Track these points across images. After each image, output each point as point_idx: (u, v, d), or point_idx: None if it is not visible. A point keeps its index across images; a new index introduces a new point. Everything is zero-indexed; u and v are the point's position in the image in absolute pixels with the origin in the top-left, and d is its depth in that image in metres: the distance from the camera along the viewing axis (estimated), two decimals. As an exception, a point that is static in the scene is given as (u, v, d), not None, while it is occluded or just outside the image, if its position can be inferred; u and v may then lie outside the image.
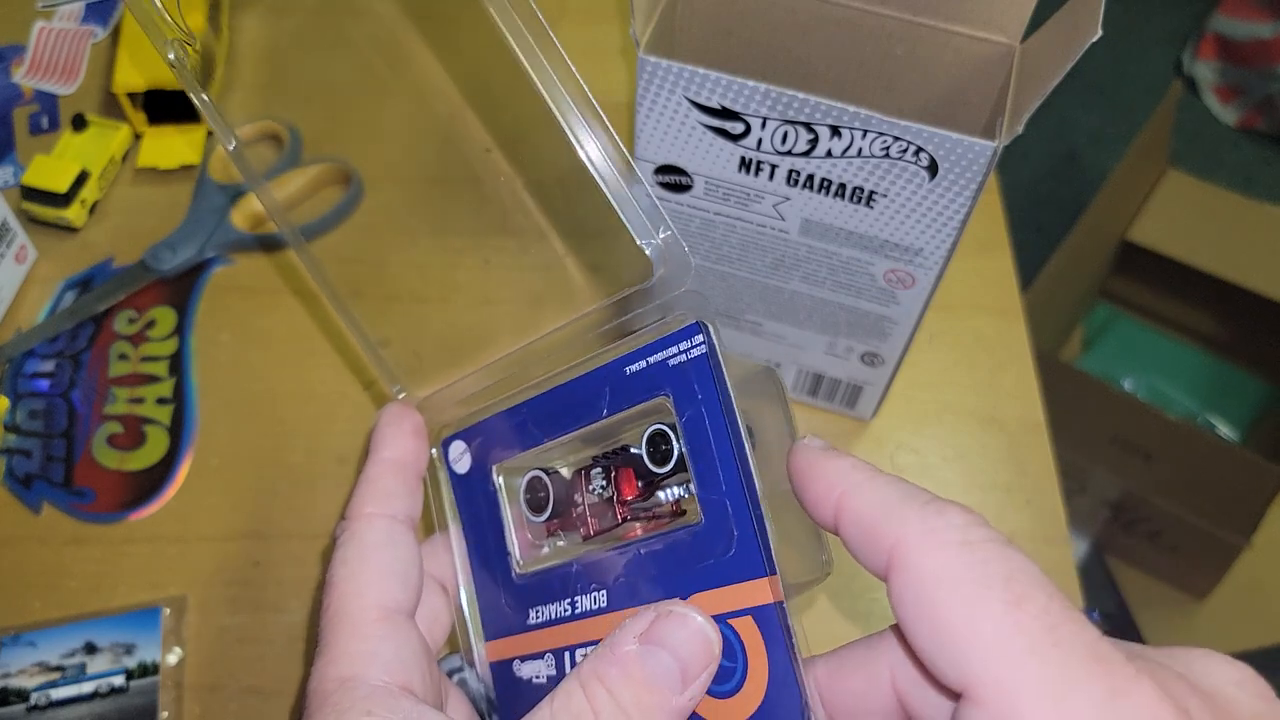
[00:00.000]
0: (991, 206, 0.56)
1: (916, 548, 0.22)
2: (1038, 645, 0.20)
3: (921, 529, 0.22)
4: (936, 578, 0.21)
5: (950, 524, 0.22)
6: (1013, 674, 0.19)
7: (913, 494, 0.23)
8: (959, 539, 0.21)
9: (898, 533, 0.22)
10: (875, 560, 0.22)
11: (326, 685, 0.27)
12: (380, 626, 0.28)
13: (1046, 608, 0.20)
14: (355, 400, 0.50)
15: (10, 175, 0.56)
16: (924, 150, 0.34)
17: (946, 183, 0.35)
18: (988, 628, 0.20)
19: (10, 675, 0.42)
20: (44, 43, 0.61)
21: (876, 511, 0.23)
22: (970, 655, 0.20)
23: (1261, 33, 1.44)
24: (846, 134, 0.35)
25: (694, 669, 0.24)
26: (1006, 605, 0.20)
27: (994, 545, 0.21)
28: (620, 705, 0.23)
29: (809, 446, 0.25)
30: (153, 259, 0.52)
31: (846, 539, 0.24)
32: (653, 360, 0.28)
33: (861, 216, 0.38)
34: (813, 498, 0.24)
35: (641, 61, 0.36)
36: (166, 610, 0.44)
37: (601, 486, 0.31)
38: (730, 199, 0.39)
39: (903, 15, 0.39)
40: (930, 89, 0.41)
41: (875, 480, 0.24)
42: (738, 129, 0.36)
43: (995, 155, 0.34)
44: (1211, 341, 1.21)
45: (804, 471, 0.25)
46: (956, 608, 0.21)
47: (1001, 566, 0.21)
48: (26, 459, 0.48)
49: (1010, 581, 0.20)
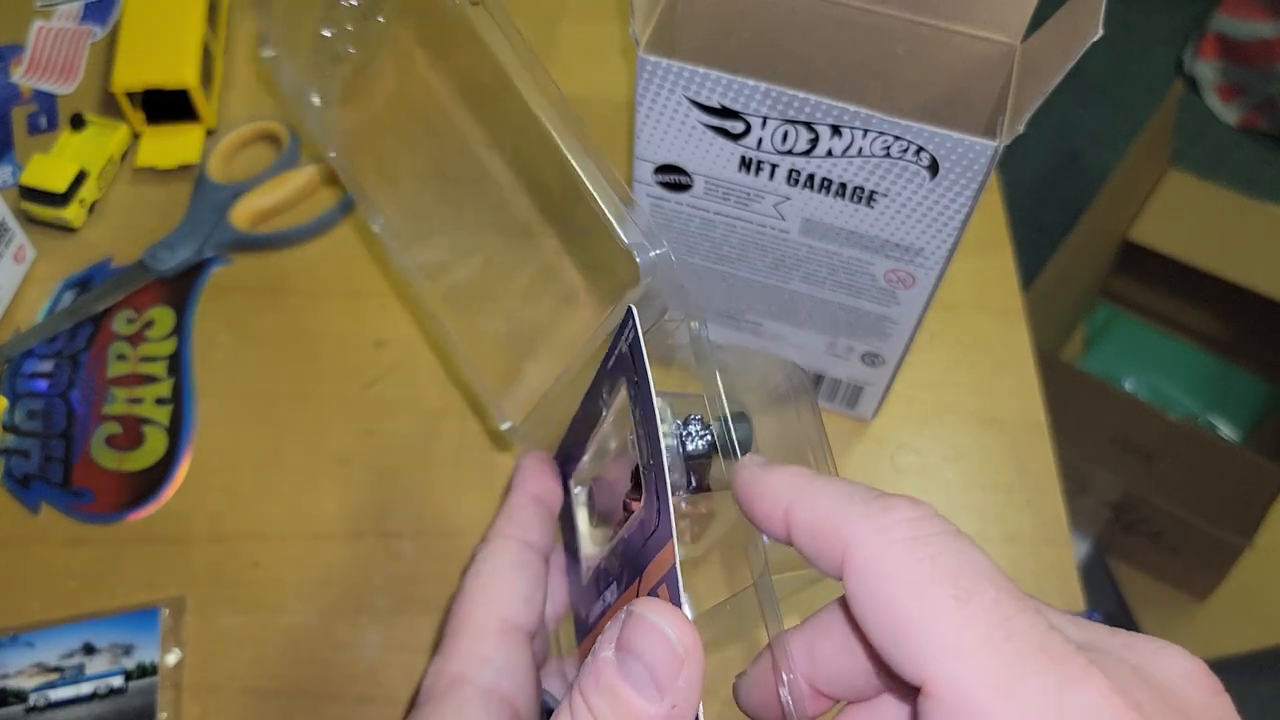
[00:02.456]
0: (992, 206, 0.56)
1: (865, 547, 0.22)
2: (988, 638, 0.20)
3: (869, 528, 0.22)
4: (887, 576, 0.21)
5: (897, 520, 0.22)
6: (964, 668, 0.20)
7: (857, 493, 0.23)
8: (906, 535, 0.21)
9: (847, 535, 0.22)
10: (830, 564, 0.22)
11: (439, 682, 0.29)
12: (498, 638, 0.30)
13: (996, 600, 0.20)
14: (355, 401, 0.50)
15: (9, 175, 0.56)
16: (925, 150, 0.34)
17: (947, 182, 0.35)
18: (938, 623, 0.20)
19: (8, 676, 0.42)
20: (42, 42, 0.61)
21: (823, 516, 0.23)
22: (923, 651, 0.20)
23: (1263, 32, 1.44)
24: (847, 133, 0.35)
25: (663, 675, 0.23)
26: (956, 600, 0.20)
27: (942, 539, 0.21)
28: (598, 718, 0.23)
29: (747, 466, 0.25)
30: (151, 259, 0.52)
31: (800, 548, 0.23)
32: (615, 352, 0.29)
33: (862, 216, 0.38)
34: (761, 515, 0.24)
35: (641, 61, 0.36)
36: (165, 611, 0.44)
37: None
38: (730, 199, 0.39)
39: (903, 14, 0.39)
40: (931, 88, 0.41)
41: (818, 485, 0.23)
42: (738, 128, 0.36)
43: (996, 155, 0.34)
44: (1213, 342, 1.21)
45: (746, 491, 0.25)
46: (907, 605, 0.21)
47: (950, 561, 0.21)
48: (25, 459, 0.48)
49: (959, 576, 0.21)
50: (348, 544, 0.46)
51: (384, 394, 0.50)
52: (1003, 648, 0.20)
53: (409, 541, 0.46)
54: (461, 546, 0.46)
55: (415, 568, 0.46)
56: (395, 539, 0.46)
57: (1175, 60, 1.59)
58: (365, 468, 0.48)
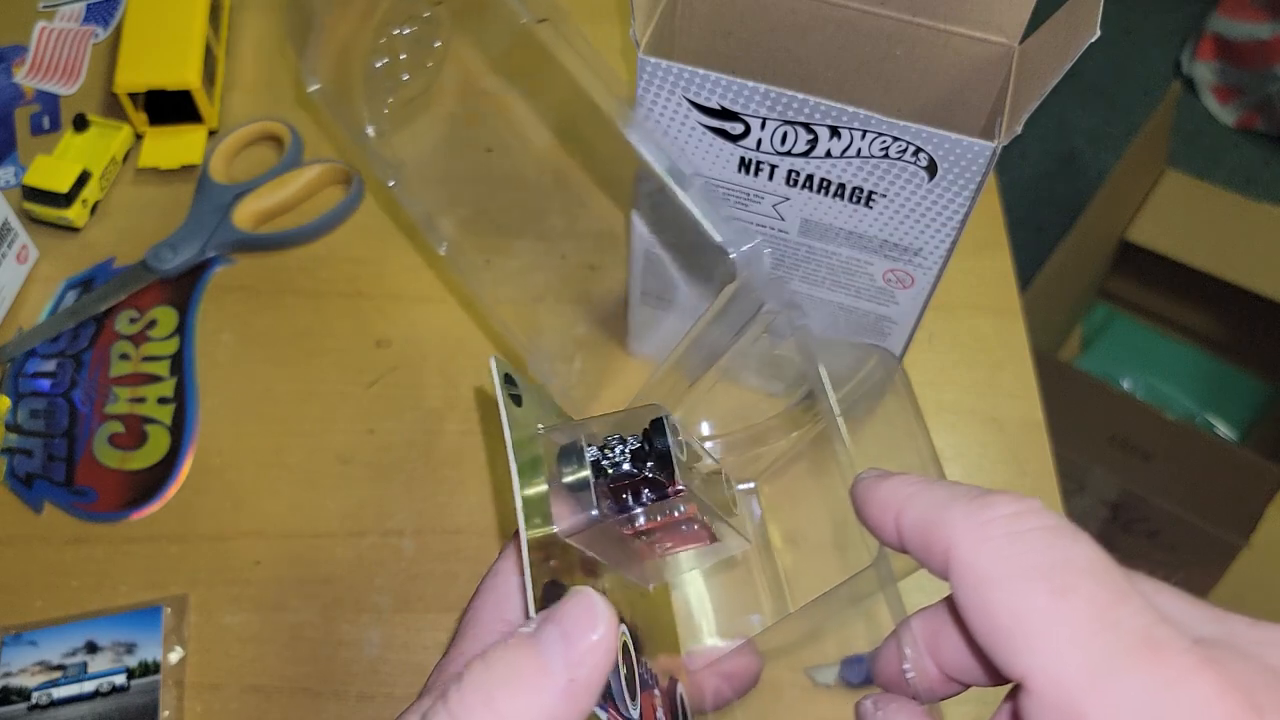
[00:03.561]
0: (990, 206, 0.56)
1: (965, 546, 0.22)
2: (1084, 633, 0.19)
3: (968, 526, 0.22)
4: (986, 574, 0.21)
5: (994, 518, 0.21)
6: (1059, 664, 0.19)
7: (960, 493, 0.23)
8: (1003, 532, 0.21)
9: (948, 535, 0.22)
10: (938, 566, 0.22)
11: (439, 679, 0.28)
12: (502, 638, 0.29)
13: (1094, 594, 0.20)
14: (356, 400, 0.50)
15: (12, 175, 0.56)
16: (923, 150, 0.35)
17: (945, 183, 0.35)
18: (1033, 620, 0.20)
19: (12, 674, 0.42)
20: (45, 43, 0.61)
21: (928, 518, 0.23)
22: (1020, 648, 0.20)
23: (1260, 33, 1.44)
24: (846, 134, 0.35)
25: (575, 634, 0.23)
26: (1051, 595, 0.20)
27: (1039, 534, 0.21)
28: (497, 675, 0.23)
29: (862, 479, 0.26)
30: (154, 259, 0.52)
31: (911, 553, 0.24)
32: None
33: (860, 217, 0.38)
34: (875, 524, 0.25)
35: (641, 62, 0.36)
36: (168, 609, 0.44)
37: None
38: (730, 199, 0.40)
39: (902, 16, 0.39)
40: (929, 89, 0.41)
41: (925, 489, 0.24)
42: (737, 129, 0.37)
43: (994, 155, 0.34)
44: (1210, 341, 1.21)
45: (860, 502, 0.25)
46: (1003, 602, 0.20)
47: (1046, 556, 0.21)
48: (28, 458, 0.48)
49: (1055, 571, 0.20)
50: (349, 542, 0.46)
51: (385, 393, 0.50)
52: (1099, 642, 0.19)
53: (410, 540, 0.46)
54: (462, 545, 0.46)
55: (416, 566, 0.46)
56: (396, 537, 0.46)
57: (1173, 61, 1.60)
58: (366, 466, 0.48)
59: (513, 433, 0.28)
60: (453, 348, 0.52)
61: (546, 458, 0.29)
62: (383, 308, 0.52)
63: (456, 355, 0.51)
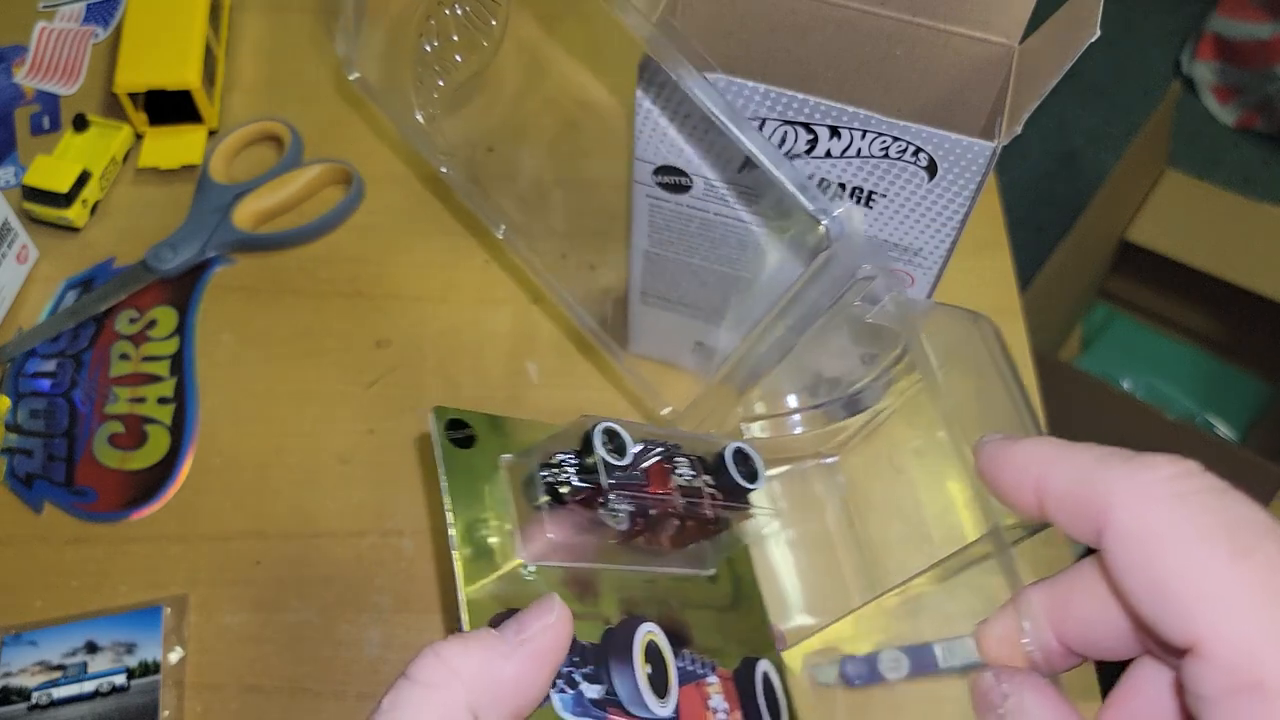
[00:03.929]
0: (990, 206, 0.57)
1: (1126, 508, 0.21)
2: (1264, 597, 0.19)
3: (1129, 487, 0.21)
4: (1152, 536, 0.20)
5: (1159, 478, 0.21)
6: (1245, 629, 0.19)
7: (1111, 454, 0.22)
8: (1171, 492, 0.20)
9: (1104, 497, 0.21)
10: (1087, 531, 0.21)
11: None
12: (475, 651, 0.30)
13: (1273, 557, 0.19)
14: (356, 400, 0.50)
15: (12, 175, 0.56)
16: (923, 150, 0.35)
17: (945, 183, 0.35)
18: (1211, 582, 0.19)
19: (11, 674, 0.42)
20: (45, 43, 0.61)
21: (1077, 481, 0.22)
22: (1193, 612, 0.19)
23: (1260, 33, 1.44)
24: (845, 134, 0.35)
25: (528, 619, 0.25)
26: (1232, 557, 0.19)
27: (1211, 495, 0.20)
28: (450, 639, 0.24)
29: (988, 442, 0.25)
30: (154, 259, 0.52)
31: (1055, 519, 0.23)
32: None
33: None
34: (1008, 489, 0.24)
35: (641, 63, 0.36)
36: (168, 609, 0.44)
37: None
38: (730, 200, 0.40)
39: (901, 16, 0.39)
40: (929, 90, 0.41)
41: (1070, 452, 0.22)
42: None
43: (994, 155, 0.34)
44: (1210, 341, 1.21)
45: (991, 467, 0.24)
46: (1175, 565, 0.20)
47: (1222, 517, 0.20)
48: (28, 458, 0.48)
49: (1233, 531, 0.20)
50: (349, 542, 0.46)
51: (385, 393, 0.50)
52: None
53: (409, 540, 0.46)
54: (462, 545, 0.46)
55: (416, 566, 0.46)
56: (396, 537, 0.46)
57: (1173, 61, 1.60)
58: (366, 466, 0.48)
59: (453, 499, 0.30)
60: (453, 348, 0.52)
61: (513, 487, 0.31)
62: (383, 308, 0.52)
63: (456, 355, 0.51)
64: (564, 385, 0.51)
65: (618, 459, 0.29)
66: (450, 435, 0.31)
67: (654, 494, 0.30)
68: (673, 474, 0.31)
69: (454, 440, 0.31)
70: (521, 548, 0.30)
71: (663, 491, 0.31)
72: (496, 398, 0.50)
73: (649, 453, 0.31)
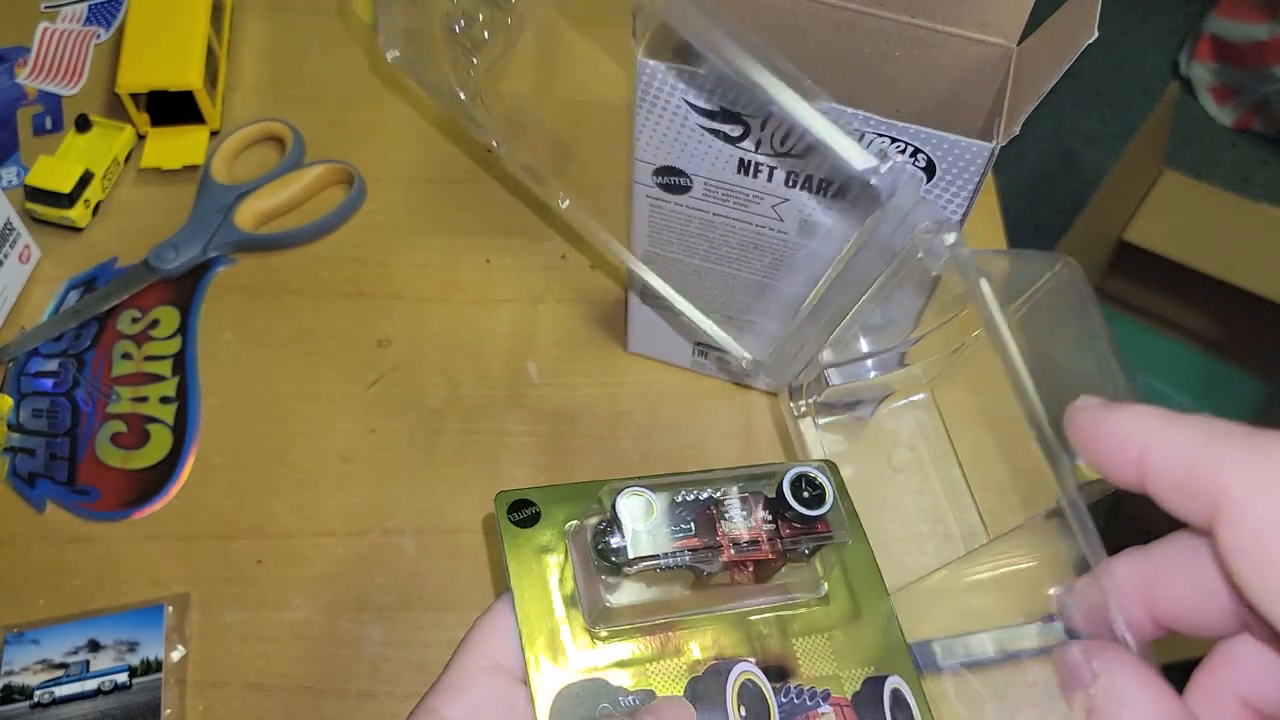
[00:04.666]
0: (989, 206, 0.57)
1: (1242, 494, 0.19)
2: None
3: (1244, 471, 0.20)
4: (1269, 525, 0.19)
5: (1277, 461, 0.19)
6: None
7: (1224, 432, 0.20)
8: None
9: (1217, 480, 0.20)
10: (1198, 513, 0.20)
11: (417, 712, 0.29)
12: (481, 675, 0.30)
13: None
14: (358, 399, 0.50)
15: (14, 176, 0.57)
16: (921, 151, 0.35)
17: (944, 184, 0.36)
18: None
19: (14, 673, 0.42)
20: (47, 44, 0.61)
21: (1187, 460, 0.20)
22: None
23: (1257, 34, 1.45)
24: None
25: None
26: None
27: None
28: None
29: (1083, 408, 0.23)
30: (156, 259, 0.53)
31: (1158, 496, 0.21)
32: None
33: None
34: (1107, 461, 0.22)
35: (640, 64, 0.36)
36: (169, 608, 0.44)
37: None
38: (729, 200, 0.40)
39: (901, 17, 0.39)
40: (928, 91, 0.41)
41: (1178, 425, 0.21)
42: (736, 131, 0.37)
43: (993, 156, 0.34)
44: (1208, 341, 1.21)
45: (1087, 435, 0.23)
46: None
47: None
48: (30, 458, 0.48)
49: None
50: (350, 541, 0.46)
51: (386, 393, 0.50)
52: None
53: (411, 539, 0.47)
54: (463, 544, 0.47)
55: (417, 565, 0.46)
56: (397, 536, 0.47)
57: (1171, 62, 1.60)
58: (368, 466, 0.48)
59: (514, 568, 0.30)
60: (454, 347, 0.52)
61: (579, 553, 0.30)
62: (384, 308, 0.53)
63: (457, 355, 0.52)
64: (564, 384, 0.51)
65: (632, 525, 0.28)
66: (512, 518, 0.31)
67: (698, 547, 0.29)
68: (721, 521, 0.30)
69: (517, 522, 0.31)
70: (589, 614, 0.30)
71: (707, 543, 0.29)
72: (497, 397, 0.50)
73: (687, 505, 0.30)
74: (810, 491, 0.30)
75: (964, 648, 0.43)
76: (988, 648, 0.44)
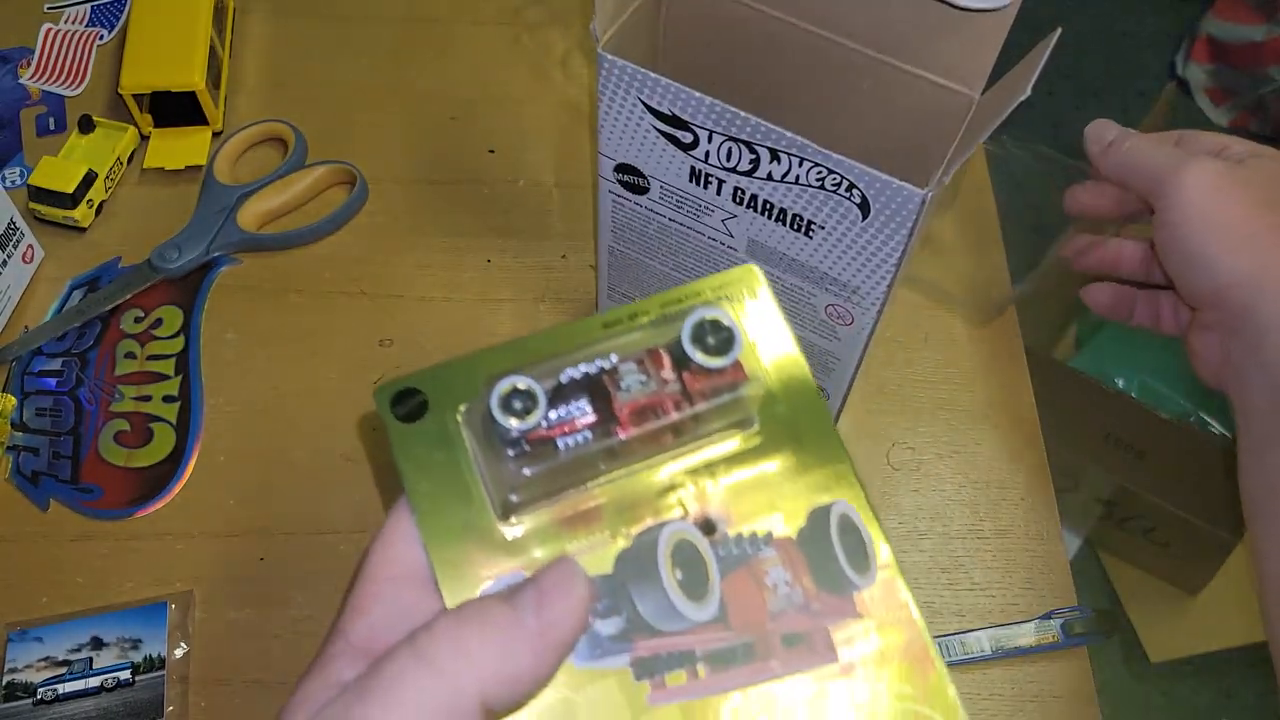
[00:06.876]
0: (985, 205, 0.57)
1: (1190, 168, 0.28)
2: None
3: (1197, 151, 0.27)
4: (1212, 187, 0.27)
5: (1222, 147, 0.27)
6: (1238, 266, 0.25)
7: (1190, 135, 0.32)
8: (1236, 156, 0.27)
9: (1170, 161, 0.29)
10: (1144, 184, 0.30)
11: (328, 636, 0.26)
12: (388, 587, 0.26)
13: None
14: (360, 398, 0.50)
15: (18, 176, 0.57)
16: (856, 187, 0.34)
17: (879, 224, 0.35)
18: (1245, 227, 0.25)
19: (17, 670, 0.42)
20: (51, 45, 0.61)
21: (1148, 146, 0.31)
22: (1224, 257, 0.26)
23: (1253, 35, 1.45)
24: (785, 159, 0.35)
25: (552, 593, 0.23)
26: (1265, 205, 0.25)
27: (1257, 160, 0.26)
28: (468, 619, 0.23)
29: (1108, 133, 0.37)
30: (159, 259, 0.53)
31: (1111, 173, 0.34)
32: None
33: (801, 245, 0.38)
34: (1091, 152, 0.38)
35: (600, 57, 0.36)
36: (172, 605, 0.44)
37: None
38: (683, 207, 0.40)
39: (868, 50, 0.39)
40: (897, 129, 0.41)
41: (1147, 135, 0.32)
42: (687, 138, 0.37)
43: (925, 203, 0.33)
44: (1205, 341, 1.21)
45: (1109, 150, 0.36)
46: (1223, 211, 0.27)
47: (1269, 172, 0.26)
48: (34, 456, 0.48)
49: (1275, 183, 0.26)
50: (352, 539, 0.47)
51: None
52: None
53: (413, 537, 0.47)
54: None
55: (419, 562, 0.46)
56: (400, 534, 0.47)
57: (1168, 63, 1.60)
58: (369, 464, 0.49)
59: (406, 467, 0.26)
60: (455, 346, 0.52)
61: (476, 437, 0.27)
62: (386, 307, 0.53)
63: (458, 353, 0.52)
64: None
65: (523, 422, 0.25)
66: (397, 411, 0.27)
67: (594, 425, 0.26)
68: (617, 392, 0.26)
69: (403, 416, 0.27)
70: (496, 506, 0.26)
71: (603, 421, 0.26)
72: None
73: (572, 388, 0.26)
74: (715, 337, 0.27)
75: (961, 645, 0.44)
76: (984, 645, 0.44)
